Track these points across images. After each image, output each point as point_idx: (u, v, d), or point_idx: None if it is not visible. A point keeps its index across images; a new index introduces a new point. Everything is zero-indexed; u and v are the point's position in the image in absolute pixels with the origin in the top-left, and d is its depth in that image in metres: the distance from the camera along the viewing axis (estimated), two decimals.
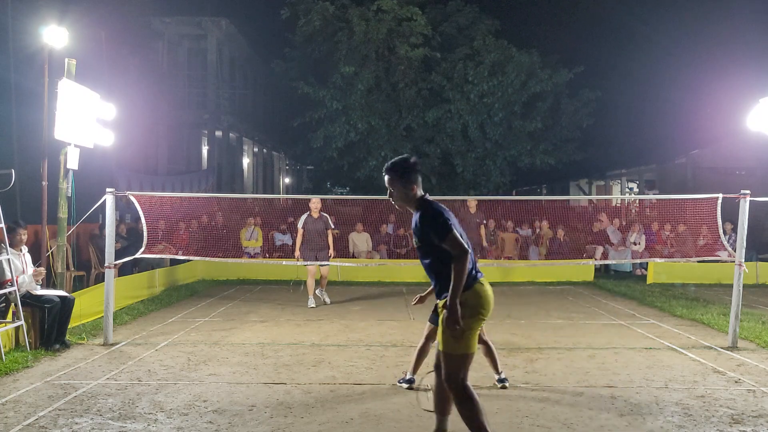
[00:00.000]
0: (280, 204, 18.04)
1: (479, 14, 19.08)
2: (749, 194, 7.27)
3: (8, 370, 5.91)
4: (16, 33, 11.56)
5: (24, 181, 8.99)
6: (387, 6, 17.38)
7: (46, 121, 7.78)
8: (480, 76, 17.22)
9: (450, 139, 17.95)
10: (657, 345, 7.33)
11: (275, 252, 14.42)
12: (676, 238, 14.25)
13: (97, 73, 12.73)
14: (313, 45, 18.75)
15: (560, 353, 6.92)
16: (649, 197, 19.17)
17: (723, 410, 4.96)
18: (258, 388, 5.51)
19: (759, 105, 7.73)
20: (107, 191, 7.46)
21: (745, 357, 6.73)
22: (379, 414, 4.86)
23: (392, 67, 18.21)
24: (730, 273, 8.09)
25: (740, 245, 7.28)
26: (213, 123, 24.32)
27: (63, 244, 7.98)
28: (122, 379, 5.75)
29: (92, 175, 10.54)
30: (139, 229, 9.95)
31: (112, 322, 7.38)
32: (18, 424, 4.54)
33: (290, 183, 39.24)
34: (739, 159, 19.59)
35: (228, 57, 26.25)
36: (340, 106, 17.33)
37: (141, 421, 4.65)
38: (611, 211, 16.29)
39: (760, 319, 8.69)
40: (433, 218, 3.80)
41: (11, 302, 6.69)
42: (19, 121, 11.53)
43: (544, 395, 5.35)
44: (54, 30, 7.84)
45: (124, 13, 17.35)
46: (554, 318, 9.20)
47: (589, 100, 18.44)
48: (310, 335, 7.82)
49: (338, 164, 19.19)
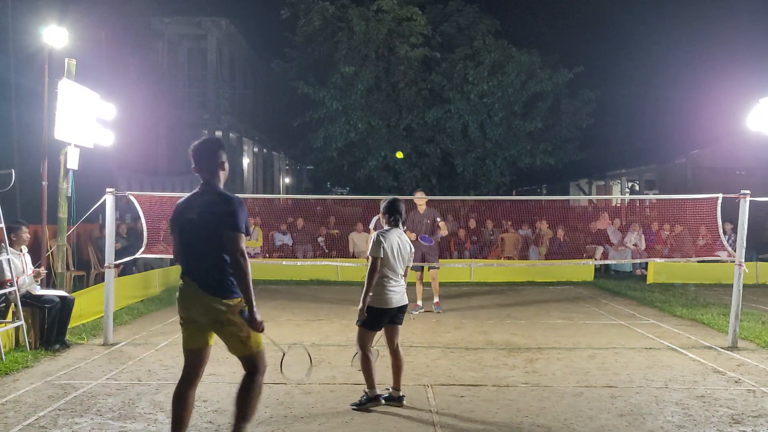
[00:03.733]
0: (280, 204, 18.04)
1: (479, 14, 19.07)
2: (749, 194, 7.27)
3: (8, 370, 5.91)
4: (16, 33, 11.57)
5: (24, 181, 9.01)
6: (387, 6, 17.38)
7: (46, 121, 7.78)
8: (480, 76, 17.21)
9: (450, 139, 17.95)
10: (657, 345, 7.33)
11: (275, 252, 14.42)
12: (676, 238, 14.25)
13: (97, 73, 12.74)
14: (313, 45, 18.75)
15: (560, 353, 6.92)
16: (648, 197, 19.17)
17: (723, 410, 4.96)
18: None
19: (759, 105, 7.73)
20: (107, 191, 7.46)
21: (745, 357, 6.73)
22: (379, 414, 4.86)
23: (392, 67, 18.21)
24: (730, 273, 8.09)
25: (740, 245, 7.29)
26: (213, 123, 24.32)
27: (63, 244, 7.98)
28: (122, 379, 5.75)
29: (92, 175, 10.54)
30: (138, 228, 9.95)
31: (112, 322, 7.38)
32: (18, 424, 4.54)
33: (290, 183, 39.24)
34: (739, 159, 19.58)
35: (228, 57, 26.25)
36: (340, 106, 17.33)
37: (141, 421, 4.65)
38: (611, 211, 16.29)
39: (760, 319, 8.69)
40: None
41: (11, 302, 6.68)
42: (19, 121, 11.54)
43: (544, 395, 5.35)
44: (54, 30, 7.85)
45: (124, 13, 17.37)
46: (554, 318, 9.20)
47: (589, 100, 18.43)
48: (310, 335, 7.82)
49: (338, 164, 19.19)
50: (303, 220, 15.20)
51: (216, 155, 3.84)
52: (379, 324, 5.00)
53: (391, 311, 4.99)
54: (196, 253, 3.72)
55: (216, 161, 3.83)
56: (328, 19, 17.95)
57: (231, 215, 3.63)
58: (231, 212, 3.63)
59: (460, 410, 4.96)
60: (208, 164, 3.82)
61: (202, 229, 3.68)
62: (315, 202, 16.11)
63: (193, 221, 3.72)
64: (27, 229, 7.12)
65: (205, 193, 3.80)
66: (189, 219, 3.75)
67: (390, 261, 4.95)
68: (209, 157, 3.83)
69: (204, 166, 3.82)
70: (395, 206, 5.16)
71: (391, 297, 4.95)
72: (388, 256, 4.94)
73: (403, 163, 18.20)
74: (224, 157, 3.88)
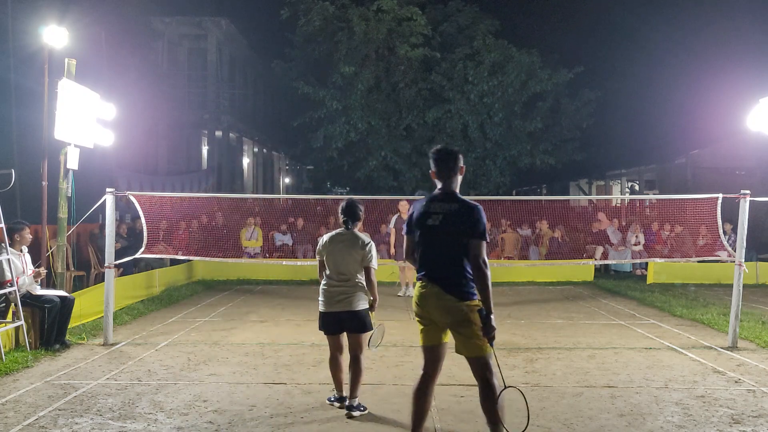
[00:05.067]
0: (280, 204, 18.04)
1: (479, 14, 19.09)
2: (749, 194, 7.27)
3: (8, 370, 5.91)
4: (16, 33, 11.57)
5: (24, 181, 9.00)
6: (387, 6, 17.39)
7: (46, 121, 7.78)
8: (480, 76, 17.22)
9: (450, 139, 17.94)
10: (657, 345, 7.33)
11: (275, 252, 14.41)
12: (676, 238, 14.25)
13: (97, 73, 12.74)
14: (313, 45, 18.76)
15: (560, 353, 6.92)
16: (648, 197, 19.17)
17: (723, 410, 4.96)
18: (258, 388, 5.52)
19: (759, 105, 7.73)
20: (107, 191, 7.46)
21: (745, 357, 6.73)
22: (379, 414, 4.86)
23: (392, 67, 18.22)
24: (730, 273, 8.10)
25: (740, 245, 7.29)
26: (213, 123, 24.33)
27: (63, 244, 7.97)
28: (122, 379, 5.74)
29: (92, 175, 10.55)
30: (138, 228, 9.95)
31: (112, 322, 7.38)
32: (18, 424, 4.54)
33: (290, 183, 39.25)
34: (739, 159, 19.57)
35: (228, 57, 26.26)
36: (340, 106, 17.34)
37: (141, 421, 4.65)
38: (611, 211, 16.29)
39: (760, 319, 8.69)
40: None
41: (11, 302, 6.69)
42: (19, 121, 11.54)
43: (544, 395, 5.35)
44: (54, 30, 7.84)
45: (124, 13, 17.38)
46: (554, 318, 9.20)
47: (589, 100, 18.45)
48: (310, 335, 7.81)
49: (338, 164, 19.20)
50: (303, 220, 15.19)
51: (457, 161, 3.99)
52: (324, 326, 4.94)
53: (332, 315, 4.84)
54: (440, 257, 3.86)
55: (457, 167, 3.98)
56: (328, 19, 17.96)
57: (477, 224, 3.79)
58: (477, 221, 3.79)
59: (460, 410, 4.96)
60: (449, 170, 3.96)
61: (446, 235, 3.82)
62: (315, 202, 16.09)
63: (437, 227, 3.86)
64: (29, 230, 7.13)
65: (447, 199, 3.92)
66: (432, 225, 3.87)
67: (330, 263, 4.84)
68: (452, 163, 3.97)
69: (445, 172, 3.96)
70: (344, 209, 4.95)
71: (323, 300, 4.86)
72: (326, 258, 4.86)
73: (403, 163, 18.21)
74: (462, 163, 4.03)
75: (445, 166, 3.97)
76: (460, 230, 3.79)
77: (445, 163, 3.97)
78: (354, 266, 4.81)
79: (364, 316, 4.86)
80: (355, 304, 4.81)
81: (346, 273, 4.81)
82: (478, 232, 3.78)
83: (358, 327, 4.85)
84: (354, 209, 4.95)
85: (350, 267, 4.81)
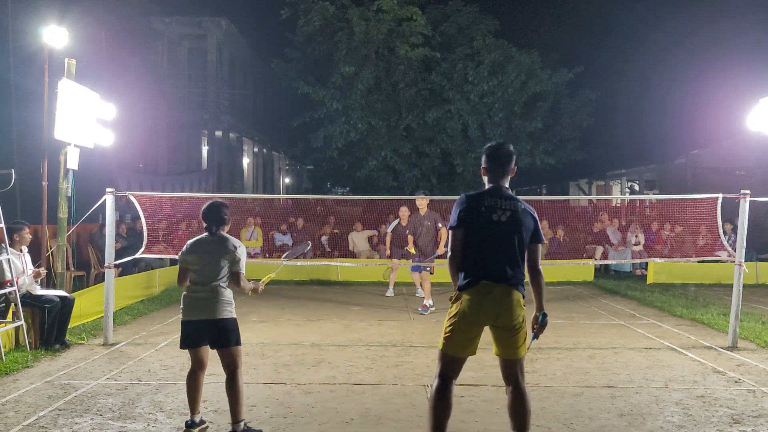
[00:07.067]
0: (280, 204, 18.04)
1: (479, 14, 19.10)
2: (749, 194, 7.27)
3: (8, 370, 5.91)
4: (16, 33, 11.57)
5: (24, 181, 9.00)
6: (387, 6, 17.39)
7: (46, 121, 7.78)
8: (480, 76, 17.22)
9: (450, 139, 17.95)
10: (657, 345, 7.33)
11: (275, 252, 14.41)
12: (676, 238, 14.25)
13: (97, 73, 12.74)
14: (313, 45, 18.77)
15: (560, 353, 6.92)
16: (648, 197, 19.17)
17: (723, 410, 4.96)
18: (258, 388, 5.51)
19: (759, 105, 7.73)
20: (107, 191, 7.46)
21: (745, 357, 6.73)
22: (379, 414, 4.85)
23: (392, 67, 18.22)
24: (730, 273, 8.09)
25: (740, 245, 7.28)
26: (213, 123, 24.33)
27: (63, 244, 7.97)
28: (122, 379, 5.74)
29: (92, 175, 10.55)
30: (138, 228, 9.94)
31: (112, 322, 7.37)
32: (18, 424, 4.54)
33: (290, 183, 39.25)
34: (739, 159, 19.56)
35: (228, 57, 26.26)
36: (340, 106, 17.33)
37: (141, 421, 4.65)
38: (611, 211, 16.29)
39: (760, 319, 8.69)
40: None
41: (11, 302, 6.69)
42: (19, 121, 11.54)
43: (544, 395, 5.35)
44: (54, 30, 7.84)
45: (124, 13, 17.38)
46: (554, 318, 9.19)
47: (589, 100, 18.45)
48: (310, 335, 7.82)
49: (338, 164, 19.20)
50: (303, 220, 15.20)
51: (512, 160, 3.96)
52: (183, 338, 4.41)
53: (191, 324, 4.36)
54: (504, 254, 3.77)
55: (511, 166, 3.96)
56: (328, 19, 17.97)
57: (539, 228, 3.87)
58: (538, 225, 3.87)
59: (460, 410, 4.96)
60: (505, 168, 3.94)
61: (514, 233, 3.77)
62: (315, 202, 16.10)
63: (504, 224, 3.76)
64: (29, 230, 7.13)
65: (510, 197, 3.86)
66: (499, 221, 3.75)
67: (194, 270, 4.44)
68: (508, 162, 3.95)
69: (500, 170, 3.93)
70: (205, 212, 4.51)
71: (183, 308, 4.45)
72: (189, 265, 4.46)
73: (403, 163, 18.21)
74: (514, 161, 4.02)
75: (507, 166, 3.93)
76: (524, 233, 3.78)
77: (508, 163, 3.93)
78: (220, 272, 4.39)
79: (230, 328, 4.38)
80: (218, 312, 4.34)
81: (211, 279, 4.38)
82: (540, 236, 3.85)
83: (222, 339, 4.34)
84: (215, 211, 4.47)
85: (217, 272, 4.39)
